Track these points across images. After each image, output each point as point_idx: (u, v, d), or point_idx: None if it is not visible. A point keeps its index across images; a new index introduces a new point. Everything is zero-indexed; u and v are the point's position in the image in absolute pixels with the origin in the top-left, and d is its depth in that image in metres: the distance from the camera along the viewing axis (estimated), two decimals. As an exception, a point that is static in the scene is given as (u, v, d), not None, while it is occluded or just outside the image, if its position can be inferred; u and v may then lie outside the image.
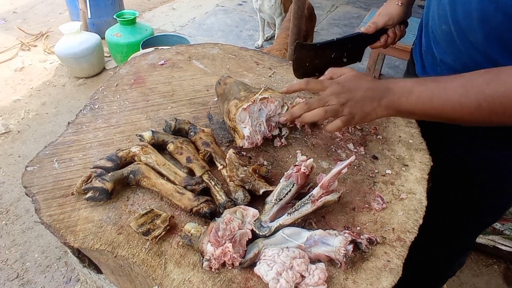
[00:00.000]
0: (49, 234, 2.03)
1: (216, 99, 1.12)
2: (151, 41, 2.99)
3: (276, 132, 0.99)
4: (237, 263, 0.69)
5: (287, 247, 0.70)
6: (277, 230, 0.73)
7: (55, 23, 4.22)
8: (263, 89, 0.91)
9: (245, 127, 0.90)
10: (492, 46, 0.77)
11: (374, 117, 0.81)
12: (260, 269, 0.68)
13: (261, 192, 0.81)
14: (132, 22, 3.25)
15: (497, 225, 1.85)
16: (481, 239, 1.89)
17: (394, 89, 0.78)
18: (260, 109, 0.93)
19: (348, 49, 1.11)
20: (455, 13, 0.82)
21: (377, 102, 0.79)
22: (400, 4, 1.12)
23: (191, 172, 0.88)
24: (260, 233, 0.73)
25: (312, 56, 1.06)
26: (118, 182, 0.82)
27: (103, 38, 3.42)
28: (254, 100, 0.89)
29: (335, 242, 0.70)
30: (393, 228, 0.79)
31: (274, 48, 2.73)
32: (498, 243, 1.88)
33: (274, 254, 0.68)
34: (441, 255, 1.27)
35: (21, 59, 3.63)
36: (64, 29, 3.15)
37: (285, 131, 1.00)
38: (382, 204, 0.83)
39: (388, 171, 0.93)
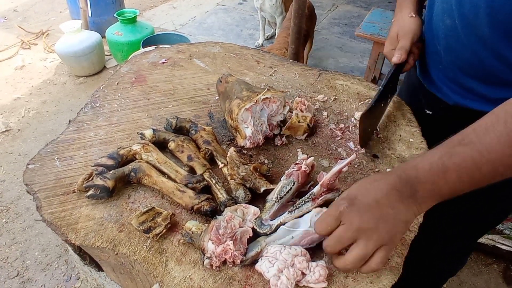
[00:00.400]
0: (50, 232, 2.04)
1: (217, 97, 1.12)
2: (152, 40, 2.99)
3: (277, 131, 0.99)
4: (238, 261, 0.70)
5: (289, 246, 0.70)
6: (277, 228, 0.73)
7: (56, 21, 4.22)
8: (265, 89, 0.92)
9: (247, 127, 0.91)
10: (499, 39, 0.77)
11: (414, 219, 0.63)
12: (261, 265, 0.68)
13: (262, 190, 0.81)
14: (132, 20, 3.25)
15: (497, 225, 1.85)
16: (480, 238, 1.88)
17: (420, 176, 0.60)
18: (262, 109, 0.93)
19: (389, 87, 1.03)
20: (461, 6, 0.82)
21: (411, 200, 0.60)
22: (413, 15, 1.02)
23: (192, 170, 0.88)
24: (261, 231, 0.73)
25: (371, 119, 0.99)
26: (119, 180, 0.83)
27: (103, 36, 3.42)
28: (256, 100, 0.89)
29: None
30: (394, 227, 0.79)
31: (275, 47, 2.73)
32: (498, 242, 1.88)
33: (276, 251, 0.68)
34: (442, 255, 1.27)
35: (22, 58, 3.62)
36: (64, 28, 3.15)
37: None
38: (382, 203, 0.83)
39: (389, 170, 0.93)
